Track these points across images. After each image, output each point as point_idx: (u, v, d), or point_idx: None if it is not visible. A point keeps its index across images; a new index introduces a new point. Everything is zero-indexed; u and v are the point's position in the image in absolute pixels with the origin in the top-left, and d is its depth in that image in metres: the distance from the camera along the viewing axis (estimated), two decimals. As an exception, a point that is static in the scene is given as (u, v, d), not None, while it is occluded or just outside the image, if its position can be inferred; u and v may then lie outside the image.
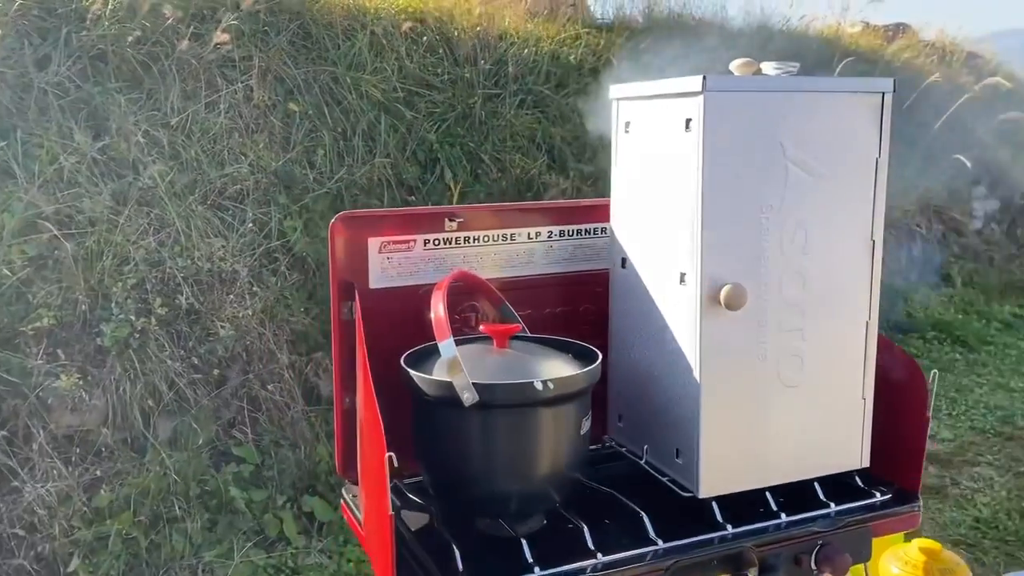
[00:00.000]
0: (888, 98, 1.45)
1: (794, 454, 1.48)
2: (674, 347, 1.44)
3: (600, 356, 1.40)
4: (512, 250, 1.63)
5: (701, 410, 1.40)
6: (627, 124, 1.54)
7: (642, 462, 1.55)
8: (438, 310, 1.32)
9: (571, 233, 1.67)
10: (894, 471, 1.55)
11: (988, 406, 4.68)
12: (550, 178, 4.67)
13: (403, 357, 1.39)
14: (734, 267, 1.38)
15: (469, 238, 1.58)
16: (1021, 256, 6.36)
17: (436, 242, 1.56)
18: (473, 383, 1.26)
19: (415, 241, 1.55)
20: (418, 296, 1.54)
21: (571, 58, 5.10)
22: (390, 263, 1.53)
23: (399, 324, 1.50)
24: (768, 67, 1.42)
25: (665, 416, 1.48)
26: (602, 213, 1.66)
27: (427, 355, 1.40)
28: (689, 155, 1.37)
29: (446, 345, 1.28)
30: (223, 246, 3.58)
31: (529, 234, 1.63)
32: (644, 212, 1.51)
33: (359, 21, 4.54)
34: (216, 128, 3.82)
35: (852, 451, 1.52)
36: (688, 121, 1.37)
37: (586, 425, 1.38)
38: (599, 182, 4.73)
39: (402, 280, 1.55)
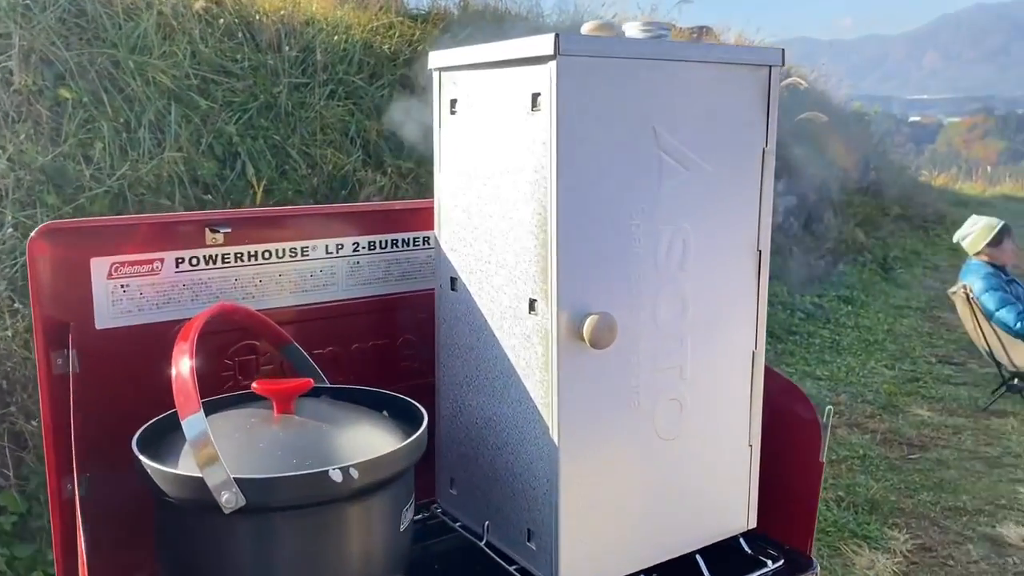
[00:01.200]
0: (776, 73, 1.11)
1: (673, 523, 1.12)
2: (522, 395, 1.05)
3: (426, 418, 0.98)
4: (305, 269, 1.18)
5: (560, 479, 1.01)
6: (453, 103, 1.13)
7: (482, 543, 1.14)
8: (181, 368, 0.86)
9: (384, 245, 1.24)
10: (783, 529, 1.23)
11: (799, 395, 4.63)
12: (366, 175, 4.19)
13: (135, 438, 0.91)
14: (599, 291, 1.00)
15: (242, 255, 1.12)
16: (818, 249, 6.46)
17: (194, 261, 1.09)
18: (237, 478, 0.81)
19: (163, 260, 1.07)
20: (171, 337, 1.07)
21: (385, 47, 4.63)
22: (127, 292, 1.05)
23: (142, 380, 1.02)
24: (633, 28, 1.05)
25: (512, 484, 1.08)
26: (424, 218, 1.24)
27: (173, 432, 0.93)
28: (537, 142, 0.98)
29: (193, 422, 0.83)
30: (-26, 255, 2.89)
31: (328, 247, 1.19)
32: (479, 218, 1.10)
33: (144, -1, 3.88)
34: (-36, 116, 3.11)
35: (738, 511, 1.18)
36: (535, 97, 0.98)
37: (408, 516, 0.96)
38: (422, 179, 4.30)
39: (145, 316, 1.07)
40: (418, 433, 0.94)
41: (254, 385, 0.96)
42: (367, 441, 0.93)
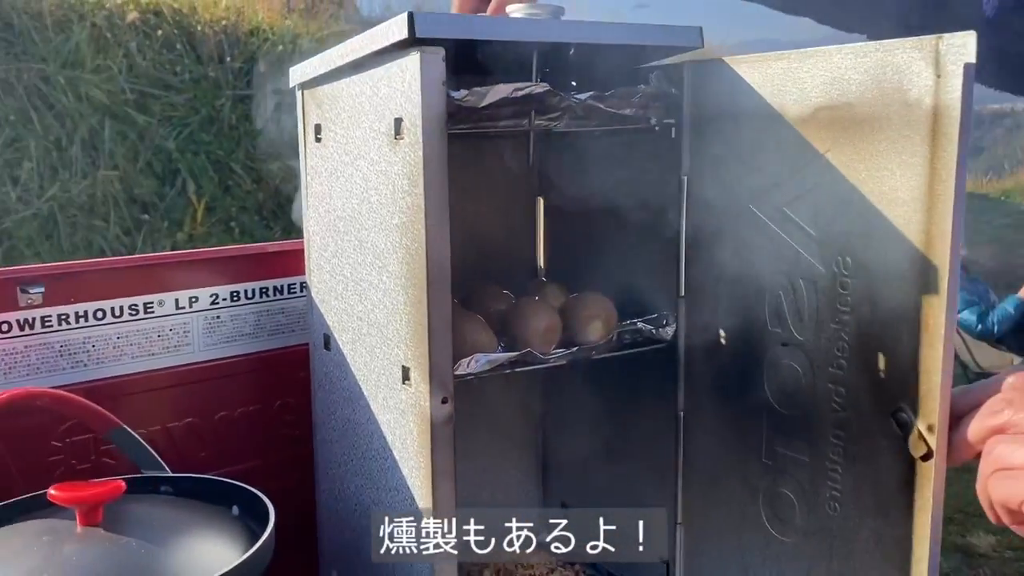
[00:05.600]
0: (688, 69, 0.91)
1: None
2: (398, 481, 0.84)
3: (272, 515, 0.78)
4: (151, 328, 0.97)
5: (446, 586, 0.81)
6: (318, 129, 0.92)
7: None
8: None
9: (251, 294, 1.03)
10: None
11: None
12: (315, 188, 3.96)
13: None
14: (485, 358, 0.80)
15: (68, 316, 0.91)
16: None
17: (4, 327, 0.88)
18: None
19: (-38, 329, 0.86)
20: (-26, 421, 0.86)
21: (335, 57, 4.40)
22: (-89, 371, 0.84)
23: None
24: (519, 11, 0.82)
25: (395, 585, 0.88)
26: (297, 261, 1.04)
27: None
28: (402, 177, 0.78)
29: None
30: None
31: (178, 301, 0.98)
32: (350, 267, 0.90)
33: (76, 11, 3.63)
34: None
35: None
36: (398, 123, 0.78)
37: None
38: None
39: (-62, 398, 0.86)
40: (264, 537, 0.73)
41: (51, 491, 0.75)
42: (200, 559, 0.73)
